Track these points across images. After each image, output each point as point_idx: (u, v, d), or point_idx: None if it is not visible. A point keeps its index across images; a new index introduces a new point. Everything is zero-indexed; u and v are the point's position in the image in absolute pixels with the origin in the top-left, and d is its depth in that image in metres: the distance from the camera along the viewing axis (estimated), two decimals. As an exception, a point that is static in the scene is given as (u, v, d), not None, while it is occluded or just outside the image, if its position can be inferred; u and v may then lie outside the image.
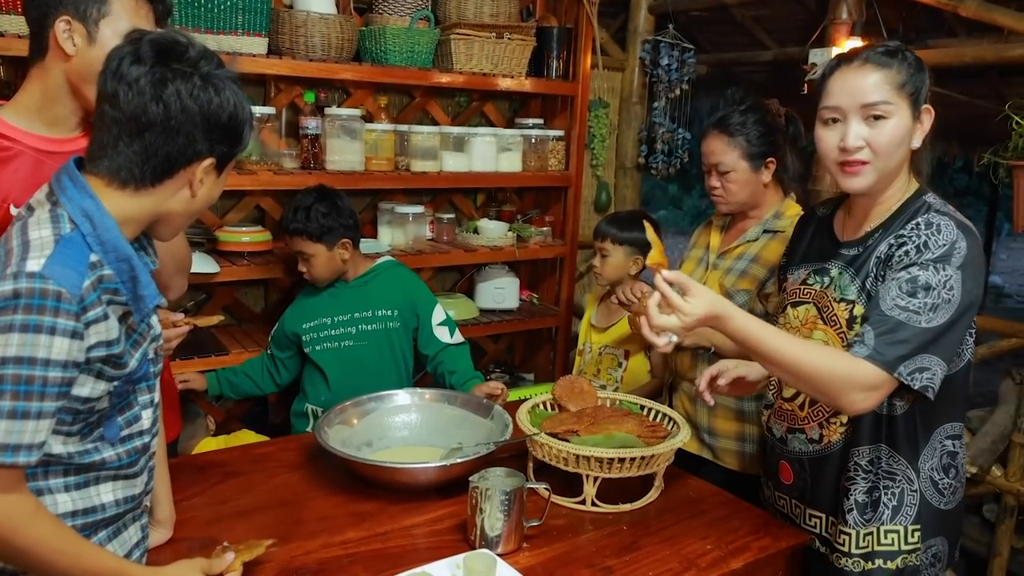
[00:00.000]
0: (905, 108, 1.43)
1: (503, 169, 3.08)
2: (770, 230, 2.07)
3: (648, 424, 1.80)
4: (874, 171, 1.45)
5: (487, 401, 1.96)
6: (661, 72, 3.75)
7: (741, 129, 2.02)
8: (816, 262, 1.64)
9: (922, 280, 1.38)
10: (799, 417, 1.64)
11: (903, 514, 1.54)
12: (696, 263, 2.21)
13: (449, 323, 2.48)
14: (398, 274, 2.50)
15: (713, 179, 2.07)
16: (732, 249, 2.11)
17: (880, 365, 1.35)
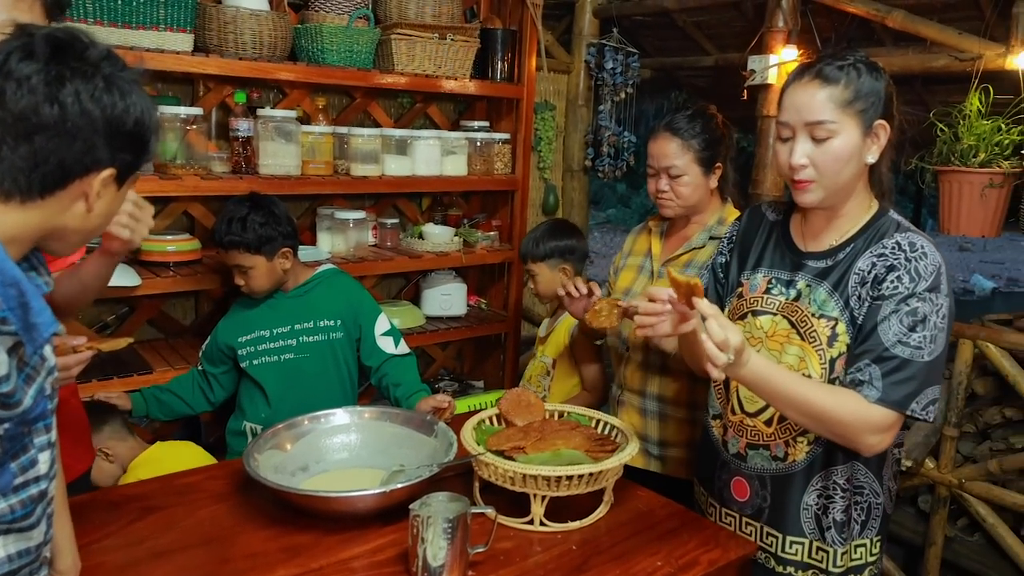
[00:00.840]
0: (852, 126, 1.38)
1: (448, 173, 2.96)
2: (716, 236, 1.99)
3: (597, 437, 1.70)
4: (821, 188, 1.42)
5: (430, 418, 1.83)
6: (606, 75, 3.68)
7: (693, 133, 1.95)
8: (778, 270, 1.57)
9: (921, 312, 1.36)
10: (764, 434, 1.55)
11: (869, 527, 1.53)
12: (637, 271, 2.12)
13: (394, 333, 2.35)
14: (340, 282, 2.36)
15: (662, 182, 1.98)
16: (677, 257, 2.03)
17: (893, 407, 1.36)
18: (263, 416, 2.24)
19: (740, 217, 1.72)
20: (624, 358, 2.10)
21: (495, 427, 1.80)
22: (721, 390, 1.63)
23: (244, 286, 2.21)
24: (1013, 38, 2.38)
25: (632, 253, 2.17)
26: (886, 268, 1.41)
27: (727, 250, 1.70)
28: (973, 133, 2.34)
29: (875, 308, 1.41)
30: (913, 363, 1.36)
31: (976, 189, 2.28)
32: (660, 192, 1.99)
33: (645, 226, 2.19)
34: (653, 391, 2.04)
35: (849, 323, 1.44)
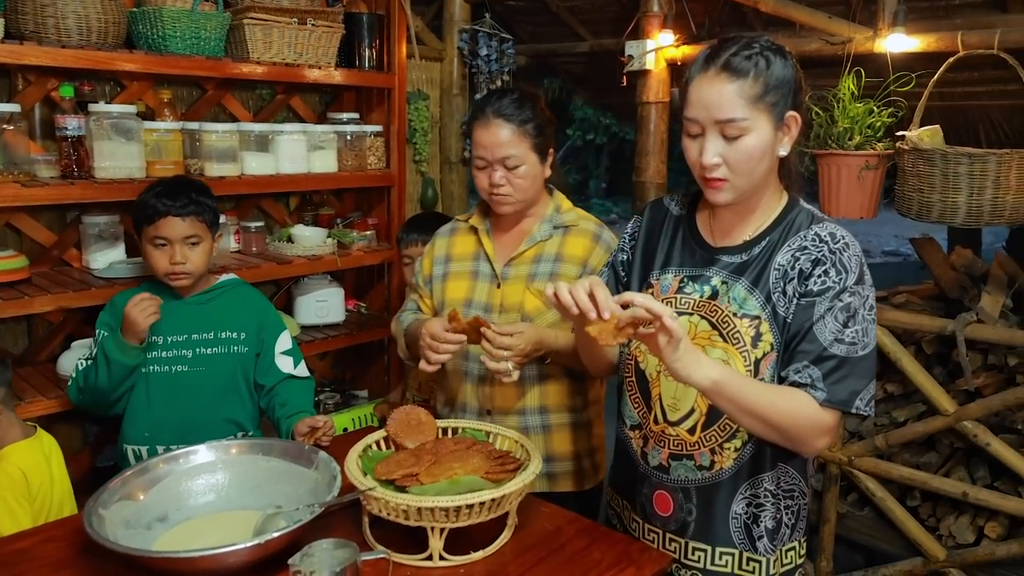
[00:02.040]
0: (764, 120, 1.31)
1: (316, 169, 2.74)
2: (560, 226, 1.87)
3: (496, 455, 1.57)
4: (734, 188, 1.35)
5: (309, 448, 1.64)
6: (481, 63, 3.54)
7: (526, 117, 1.78)
8: (689, 268, 1.47)
9: (852, 307, 1.33)
10: (688, 443, 1.45)
11: (798, 528, 1.48)
12: (471, 278, 1.90)
13: (295, 353, 2.11)
14: (246, 293, 2.13)
15: (497, 175, 1.78)
16: (522, 254, 1.86)
17: (838, 407, 1.32)
18: (146, 435, 1.97)
19: (641, 211, 1.61)
20: (481, 379, 1.87)
21: (383, 452, 1.63)
22: (639, 399, 1.53)
23: (184, 267, 1.93)
24: (880, 21, 2.41)
25: (455, 258, 1.94)
26: (811, 262, 1.36)
27: (628, 247, 1.60)
28: (847, 116, 2.36)
29: (807, 306, 1.34)
30: (850, 360, 1.31)
31: (853, 172, 2.30)
32: (495, 186, 1.79)
33: (464, 226, 1.97)
34: (534, 404, 1.87)
35: (772, 321, 1.37)
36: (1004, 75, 2.88)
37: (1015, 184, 2.02)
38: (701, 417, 1.42)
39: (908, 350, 2.52)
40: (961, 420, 2.40)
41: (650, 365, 1.48)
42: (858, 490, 2.72)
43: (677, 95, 3.10)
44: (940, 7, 2.65)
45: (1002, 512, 2.44)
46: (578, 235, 1.86)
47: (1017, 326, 2.44)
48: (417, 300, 2.01)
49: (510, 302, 1.84)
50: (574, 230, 1.87)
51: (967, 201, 2.03)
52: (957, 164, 2.02)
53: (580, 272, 1.82)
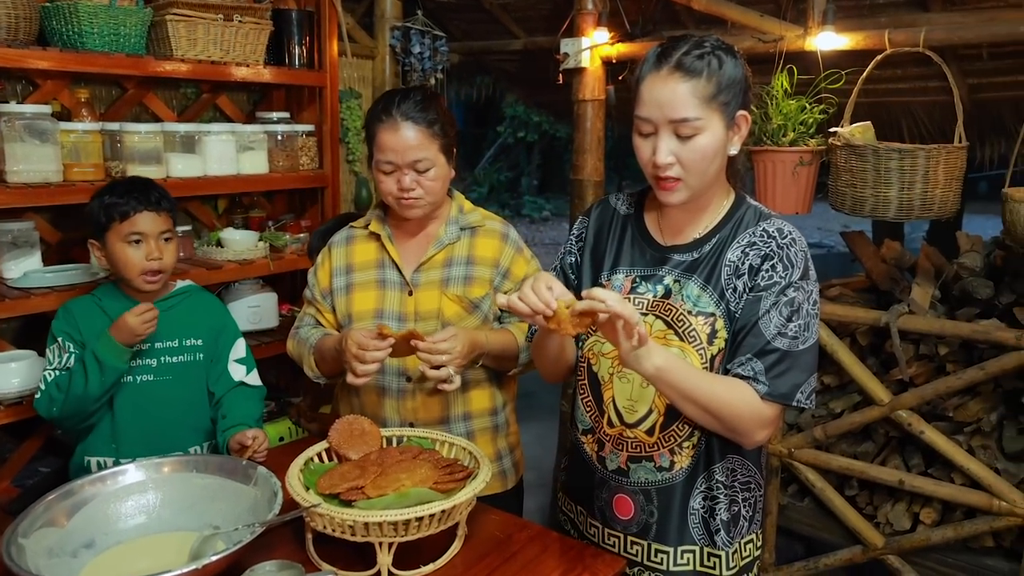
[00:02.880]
0: (717, 120, 1.31)
1: (246, 171, 2.65)
2: (466, 227, 1.84)
3: (444, 464, 1.53)
4: (686, 188, 1.35)
5: (246, 463, 1.57)
6: (414, 60, 3.49)
7: (432, 118, 1.71)
8: (640, 267, 1.47)
9: (796, 301, 1.34)
10: (646, 444, 1.44)
11: (755, 520, 1.50)
12: (378, 288, 1.82)
13: (248, 362, 2.01)
14: (205, 299, 2.05)
15: (407, 179, 1.70)
16: (431, 258, 1.80)
17: (780, 400, 1.33)
18: (112, 447, 1.89)
19: (588, 212, 1.60)
20: (402, 393, 1.81)
21: (326, 464, 1.58)
22: (591, 402, 1.51)
23: (159, 264, 1.86)
24: (810, 20, 2.46)
25: (357, 268, 1.85)
26: (760, 258, 1.37)
27: (576, 249, 1.59)
28: (781, 113, 2.40)
29: (754, 301, 1.35)
30: (792, 353, 1.33)
31: (788, 168, 2.34)
32: (406, 191, 1.71)
33: (362, 233, 1.88)
34: (458, 412, 1.83)
35: (726, 318, 1.38)
36: (926, 72, 2.98)
37: (943, 178, 2.08)
38: (660, 417, 1.41)
39: (844, 342, 2.58)
40: (896, 410, 2.47)
41: (602, 368, 1.47)
42: (798, 481, 2.77)
43: (613, 93, 3.12)
44: (865, 6, 2.71)
45: (936, 498, 2.51)
46: (486, 236, 1.83)
47: (945, 316, 2.52)
48: (315, 315, 1.91)
49: (425, 309, 1.79)
50: (481, 231, 1.84)
51: (898, 195, 2.09)
52: (888, 159, 2.07)
53: (494, 274, 1.80)
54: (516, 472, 1.94)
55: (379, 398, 1.83)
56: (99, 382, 1.78)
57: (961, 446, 2.46)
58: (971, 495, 2.41)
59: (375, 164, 1.75)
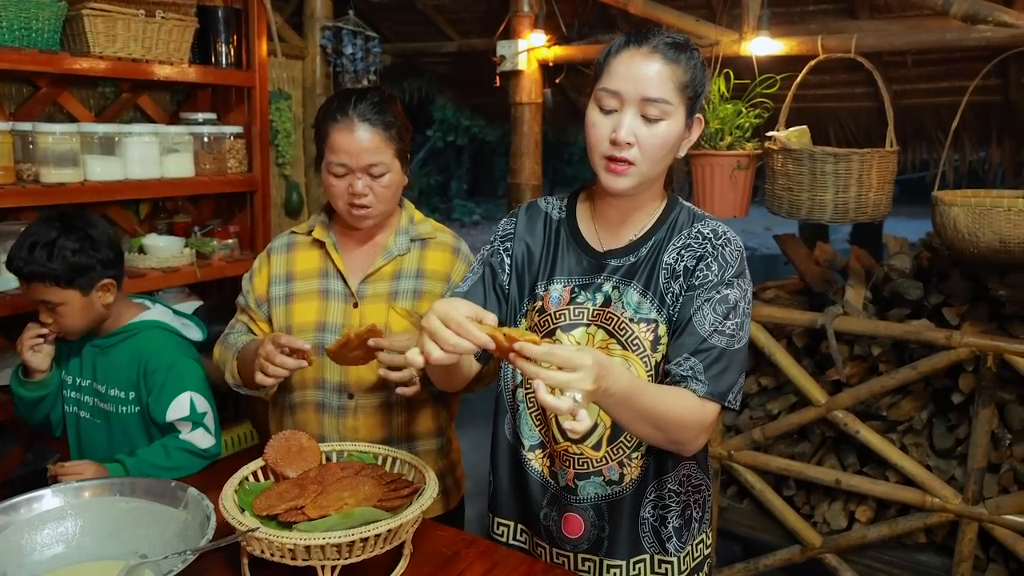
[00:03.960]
0: (681, 112, 1.29)
1: (171, 174, 2.53)
2: (416, 238, 1.75)
3: (388, 480, 1.47)
4: (638, 175, 1.30)
5: (176, 484, 1.47)
6: (346, 61, 3.41)
7: (389, 121, 1.63)
8: (578, 276, 1.42)
9: (731, 300, 1.31)
10: (594, 460, 1.40)
11: (704, 519, 1.48)
12: (320, 299, 1.72)
13: (195, 419, 1.79)
14: (145, 344, 1.85)
15: (359, 184, 1.62)
16: (379, 270, 1.72)
17: (718, 400, 1.29)
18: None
19: (514, 213, 1.53)
20: (342, 410, 1.72)
21: (262, 483, 1.50)
22: (541, 416, 1.46)
23: (53, 325, 1.75)
24: (745, 25, 2.49)
25: (298, 276, 1.74)
26: (695, 258, 1.35)
27: (501, 249, 1.49)
28: (718, 117, 2.42)
29: (687, 300, 1.33)
30: (727, 352, 1.30)
31: (726, 172, 2.36)
32: (358, 196, 1.62)
33: (304, 240, 1.78)
34: (401, 433, 1.74)
35: (668, 323, 1.35)
36: (852, 78, 3.07)
37: (876, 181, 2.13)
38: (606, 431, 1.38)
39: (780, 344, 2.62)
40: (832, 410, 2.51)
41: None
42: (737, 483, 2.80)
43: (549, 96, 3.10)
44: (796, 13, 2.78)
45: (871, 496, 2.57)
46: (437, 249, 1.76)
47: (877, 317, 2.59)
48: (247, 323, 1.80)
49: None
50: (432, 243, 1.76)
51: (834, 199, 2.13)
52: (824, 163, 2.11)
53: (444, 288, 1.72)
54: (458, 490, 1.88)
55: (317, 415, 1.74)
56: (20, 401, 1.73)
57: (894, 444, 2.53)
58: (905, 492, 2.47)
59: (326, 166, 1.66)
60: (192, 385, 1.83)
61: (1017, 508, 2.33)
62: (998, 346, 2.24)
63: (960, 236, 1.98)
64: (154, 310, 1.94)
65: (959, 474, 2.49)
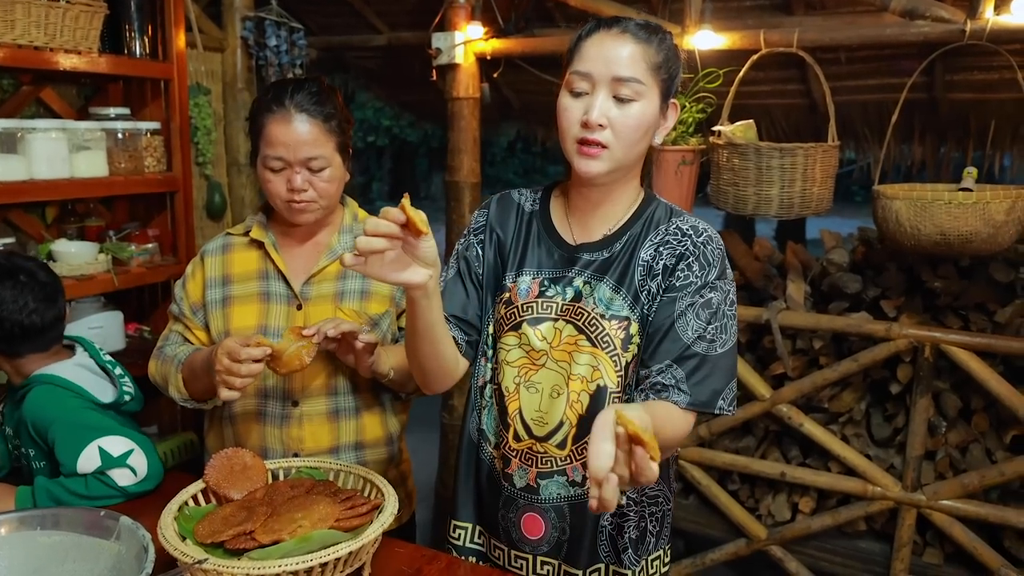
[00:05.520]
0: (655, 94, 1.26)
1: (81, 174, 2.35)
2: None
3: (343, 497, 1.38)
4: (611, 159, 1.25)
5: (106, 513, 1.34)
6: (270, 54, 3.25)
7: (328, 112, 1.54)
8: (548, 269, 1.37)
9: (714, 303, 1.29)
10: (558, 458, 1.34)
11: (662, 535, 1.43)
12: (261, 302, 1.62)
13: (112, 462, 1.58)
14: (36, 398, 1.65)
15: (298, 178, 1.52)
16: (322, 269, 1.63)
17: (700, 409, 1.26)
18: None
19: (486, 205, 1.48)
20: (286, 419, 1.62)
21: (204, 507, 1.38)
22: (496, 414, 1.40)
23: None
24: (687, 19, 2.48)
25: (235, 279, 1.65)
26: (675, 257, 1.30)
27: (475, 242, 1.44)
28: (660, 112, 2.39)
29: (668, 302, 1.29)
30: (710, 358, 1.27)
31: (671, 167, 2.35)
32: (296, 192, 1.54)
33: (241, 241, 1.68)
34: (349, 441, 1.65)
35: (641, 322, 1.31)
36: (785, 75, 3.11)
37: (820, 176, 2.15)
38: (572, 429, 1.33)
39: (724, 339, 2.63)
40: (777, 404, 2.54)
41: (507, 378, 1.37)
42: (683, 479, 2.81)
43: (487, 91, 3.04)
44: (733, 8, 2.79)
45: (814, 487, 2.61)
46: None
47: (814, 311, 2.63)
48: (182, 332, 1.69)
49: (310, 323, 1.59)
50: None
51: (780, 194, 2.14)
52: (770, 158, 2.12)
53: (393, 288, 1.65)
54: (410, 503, 1.81)
55: (259, 425, 1.64)
56: None
57: (836, 436, 2.58)
58: (847, 482, 2.52)
59: (262, 160, 1.56)
60: (97, 432, 1.61)
61: (953, 493, 2.40)
62: (935, 336, 2.30)
63: (902, 229, 2.02)
64: (62, 364, 1.72)
65: (897, 462, 2.56)
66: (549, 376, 1.33)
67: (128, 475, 1.59)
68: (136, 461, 1.60)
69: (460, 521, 1.49)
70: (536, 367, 1.34)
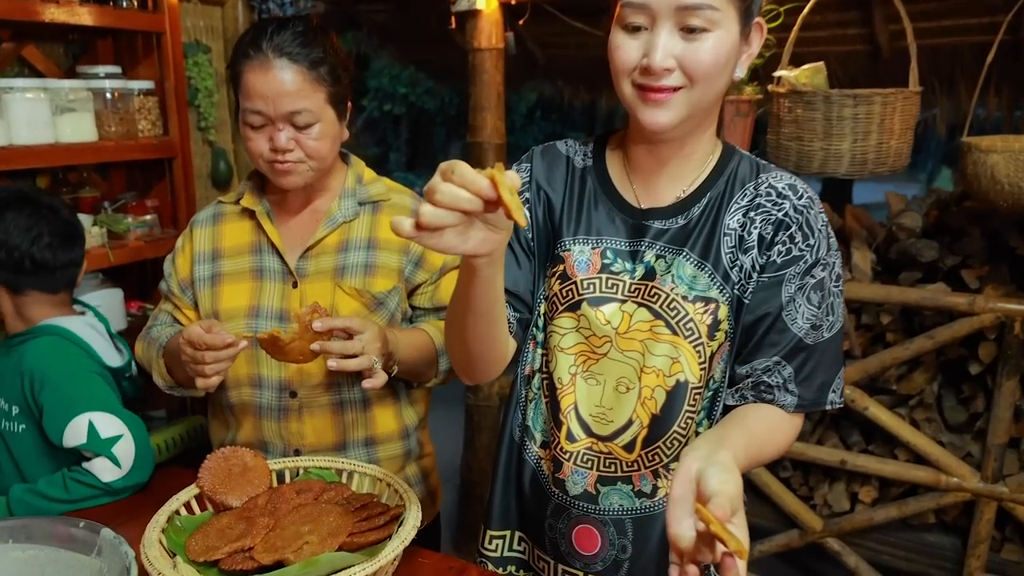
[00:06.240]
0: (734, 19, 1.01)
1: (68, 139, 2.18)
2: (366, 201, 1.49)
3: (357, 504, 1.21)
4: (686, 103, 1.03)
5: (86, 524, 1.18)
6: (273, 7, 3.06)
7: (317, 58, 1.34)
8: (612, 239, 1.16)
9: (825, 283, 1.10)
10: (624, 462, 1.15)
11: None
12: (253, 279, 1.47)
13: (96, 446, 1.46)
14: (41, 348, 1.55)
15: (282, 137, 1.34)
16: (320, 241, 1.45)
17: (810, 408, 1.12)
18: None
19: (528, 158, 1.25)
20: (285, 412, 1.46)
21: (198, 515, 1.23)
22: (544, 407, 1.21)
23: None
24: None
25: (226, 254, 1.50)
26: (772, 225, 1.09)
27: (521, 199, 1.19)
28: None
29: (770, 285, 1.09)
30: (819, 346, 1.10)
31: (724, 121, 2.13)
32: (282, 152, 1.35)
33: (232, 210, 1.52)
34: (358, 436, 1.49)
35: (732, 304, 1.11)
36: (844, 17, 2.88)
37: (899, 127, 1.93)
38: (643, 431, 1.14)
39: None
40: (839, 385, 2.34)
41: (560, 366, 1.17)
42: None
43: (512, 41, 2.82)
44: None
45: (877, 477, 2.42)
46: (393, 212, 1.48)
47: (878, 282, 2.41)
48: (172, 311, 1.54)
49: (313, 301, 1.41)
50: (387, 206, 1.49)
51: (851, 148, 1.92)
52: (841, 107, 1.90)
53: (403, 262, 1.46)
54: (434, 502, 1.64)
55: (255, 419, 1.48)
56: None
57: (904, 420, 2.37)
58: (917, 472, 2.32)
59: (241, 115, 1.37)
60: (92, 404, 1.49)
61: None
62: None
63: (998, 186, 1.80)
64: (72, 319, 1.63)
65: (974, 450, 2.36)
66: (614, 367, 1.14)
67: (110, 468, 1.46)
68: (122, 450, 1.47)
69: (496, 530, 1.30)
70: (597, 356, 1.15)
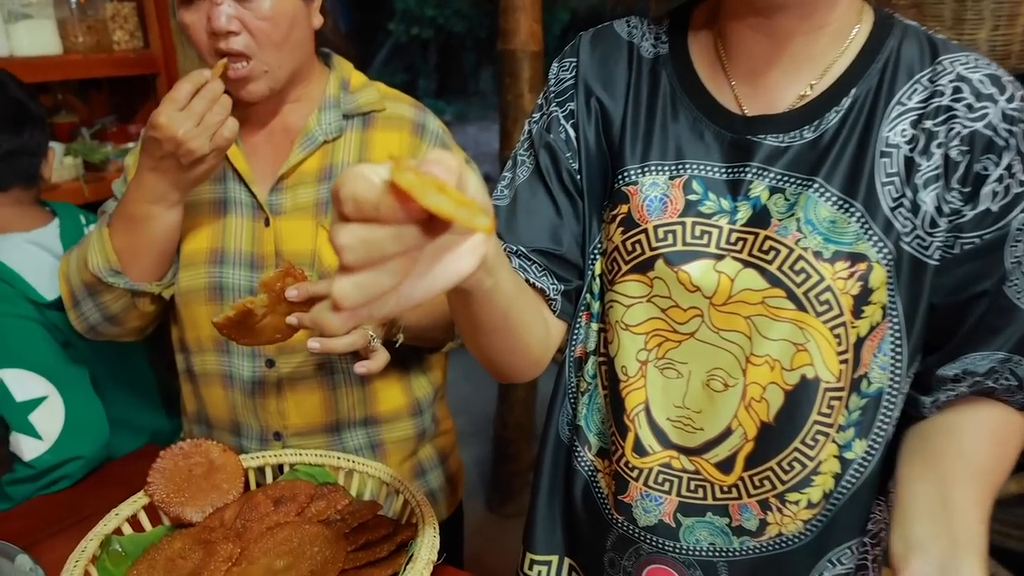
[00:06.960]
0: None
1: (23, 52, 1.90)
2: (354, 113, 1.18)
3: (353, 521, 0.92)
4: None
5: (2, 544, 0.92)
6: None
7: None
8: (702, 164, 0.80)
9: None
10: (719, 486, 0.82)
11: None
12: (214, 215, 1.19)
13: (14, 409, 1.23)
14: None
15: (216, 12, 1.02)
16: (297, 167, 1.16)
17: None
18: None
19: (574, 51, 0.89)
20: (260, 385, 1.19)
21: (147, 533, 0.95)
22: (603, 404, 0.88)
23: None
24: None
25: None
26: (968, 143, 0.73)
27: (562, 114, 0.87)
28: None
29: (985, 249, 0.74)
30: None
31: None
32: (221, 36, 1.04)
33: None
34: (356, 416, 1.21)
35: (895, 265, 0.75)
36: None
37: (1054, 9, 1.54)
38: (746, 444, 0.79)
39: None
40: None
41: (625, 349, 0.83)
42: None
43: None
44: None
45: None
46: (388, 127, 1.18)
47: None
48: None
49: (291, 249, 1.14)
50: (380, 119, 1.18)
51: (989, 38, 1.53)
52: (979, -15, 1.51)
53: None
54: (454, 492, 1.35)
55: (226, 391, 1.19)
56: None
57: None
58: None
59: None
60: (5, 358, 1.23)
61: None
62: None
63: None
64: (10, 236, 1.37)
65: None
66: (705, 353, 0.79)
67: (32, 444, 1.21)
68: (43, 418, 1.22)
69: (539, 554, 0.98)
70: (680, 336, 0.80)
